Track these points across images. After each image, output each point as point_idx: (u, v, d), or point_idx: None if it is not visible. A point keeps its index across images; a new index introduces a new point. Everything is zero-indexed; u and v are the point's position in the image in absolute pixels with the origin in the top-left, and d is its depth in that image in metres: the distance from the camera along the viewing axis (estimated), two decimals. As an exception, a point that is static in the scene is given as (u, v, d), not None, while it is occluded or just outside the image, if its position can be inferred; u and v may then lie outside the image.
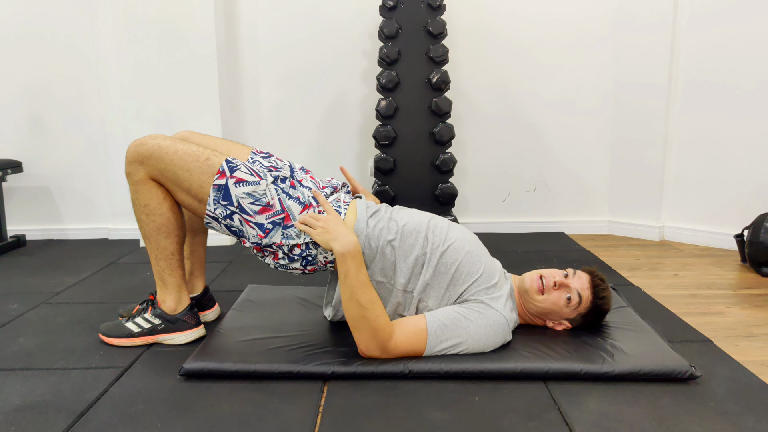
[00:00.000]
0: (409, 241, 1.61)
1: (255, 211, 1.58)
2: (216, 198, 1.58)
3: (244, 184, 1.58)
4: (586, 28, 3.12)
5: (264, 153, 1.82)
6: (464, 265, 1.60)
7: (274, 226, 1.59)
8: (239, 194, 1.58)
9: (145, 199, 1.66)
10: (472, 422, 1.31)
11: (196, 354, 1.58)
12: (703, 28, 2.86)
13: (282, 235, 1.59)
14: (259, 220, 1.58)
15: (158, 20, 2.85)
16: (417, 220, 1.65)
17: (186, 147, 1.62)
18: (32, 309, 2.09)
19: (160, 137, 1.64)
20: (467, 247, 1.63)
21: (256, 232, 1.59)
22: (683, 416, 1.33)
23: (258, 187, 1.59)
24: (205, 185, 1.60)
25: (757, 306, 2.10)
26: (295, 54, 3.18)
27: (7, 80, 3.08)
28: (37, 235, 3.22)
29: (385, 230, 1.62)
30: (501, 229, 3.32)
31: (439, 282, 1.61)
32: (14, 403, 1.42)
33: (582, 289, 1.64)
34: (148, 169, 1.63)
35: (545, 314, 1.69)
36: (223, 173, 1.58)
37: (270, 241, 1.60)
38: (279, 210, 1.59)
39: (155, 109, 2.92)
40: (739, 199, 2.85)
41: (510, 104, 3.21)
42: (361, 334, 1.53)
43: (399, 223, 1.64)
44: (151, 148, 1.61)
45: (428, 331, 1.52)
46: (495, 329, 1.56)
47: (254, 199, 1.58)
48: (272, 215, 1.59)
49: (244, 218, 1.59)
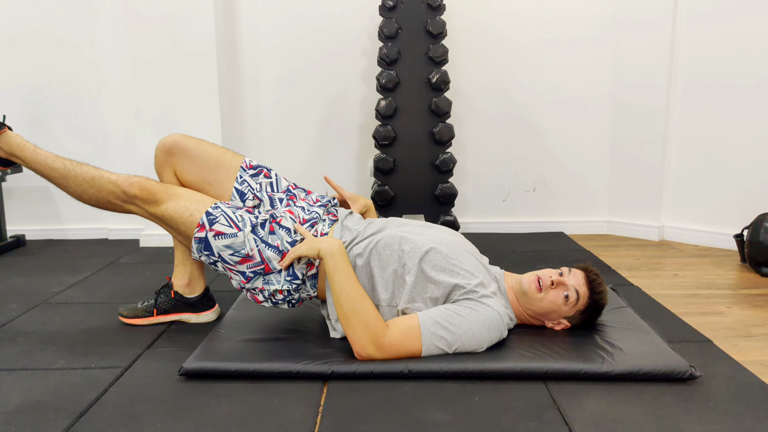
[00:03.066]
0: (384, 254, 1.63)
1: (236, 262, 1.66)
2: (198, 249, 1.67)
3: (223, 236, 1.64)
4: (585, 28, 3.13)
5: (253, 167, 1.82)
6: (444, 269, 1.60)
7: (256, 275, 1.67)
8: (219, 246, 1.64)
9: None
10: (472, 422, 1.31)
11: (195, 354, 1.58)
12: (703, 27, 2.86)
13: (264, 281, 1.67)
14: (240, 269, 1.67)
15: (158, 20, 2.85)
16: (390, 233, 1.66)
17: (174, 205, 1.67)
18: (32, 309, 2.09)
19: (149, 187, 1.69)
20: (445, 250, 1.62)
21: (239, 278, 1.68)
22: (683, 416, 1.33)
23: (236, 239, 1.64)
24: (189, 232, 1.68)
25: (756, 306, 2.10)
26: (294, 54, 3.18)
27: (7, 80, 3.08)
28: (37, 235, 3.22)
29: (357, 249, 1.66)
30: (501, 229, 3.32)
31: (422, 288, 1.61)
32: (14, 403, 1.42)
33: (578, 286, 1.65)
34: (141, 212, 1.73)
35: (545, 314, 1.69)
36: (203, 226, 1.64)
37: (252, 286, 1.68)
38: (259, 261, 1.65)
39: (155, 109, 2.92)
40: (739, 199, 2.85)
41: (510, 104, 3.21)
42: (354, 332, 1.52)
43: (372, 240, 1.66)
44: (138, 212, 1.72)
45: (421, 328, 1.52)
46: (488, 324, 1.55)
47: (234, 251, 1.64)
48: (253, 266, 1.66)
49: (227, 266, 1.67)
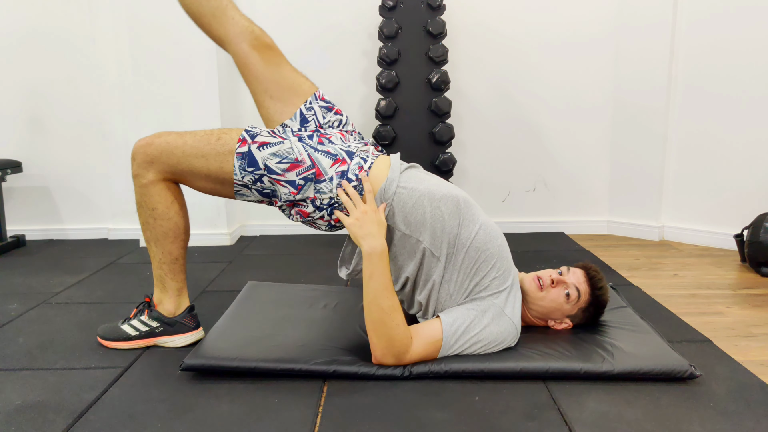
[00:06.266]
0: (443, 205, 1.56)
1: (284, 170, 1.55)
2: (241, 166, 1.55)
3: (267, 146, 1.55)
4: (586, 29, 3.12)
5: (325, 101, 1.73)
6: (492, 257, 1.57)
7: (306, 182, 1.55)
8: (264, 156, 1.55)
9: (153, 203, 1.63)
10: (472, 422, 1.31)
11: (196, 350, 1.58)
12: (703, 31, 2.86)
13: (315, 190, 1.56)
14: (289, 177, 1.55)
15: (158, 20, 2.85)
16: (451, 190, 1.60)
17: (193, 134, 1.59)
18: (32, 309, 2.09)
19: (164, 134, 1.61)
20: (500, 240, 1.61)
21: (288, 189, 1.56)
22: (683, 416, 1.33)
23: (283, 146, 1.56)
24: (224, 164, 1.56)
25: (756, 306, 2.10)
26: (295, 54, 3.17)
27: (7, 80, 3.08)
28: (37, 235, 3.22)
29: (420, 186, 1.58)
30: (501, 228, 3.30)
31: (465, 263, 1.56)
32: (14, 403, 1.42)
33: (579, 284, 1.65)
34: (159, 168, 1.60)
35: (547, 314, 1.70)
36: (245, 141, 1.55)
37: (303, 196, 1.57)
38: (309, 165, 1.55)
39: (155, 109, 2.92)
40: (738, 199, 2.85)
41: (510, 104, 3.21)
42: (378, 342, 1.50)
43: (431, 186, 1.59)
44: (160, 146, 1.58)
45: (443, 341, 1.52)
46: (504, 336, 1.56)
47: (281, 158, 1.54)
48: (302, 171, 1.55)
49: (274, 178, 1.55)
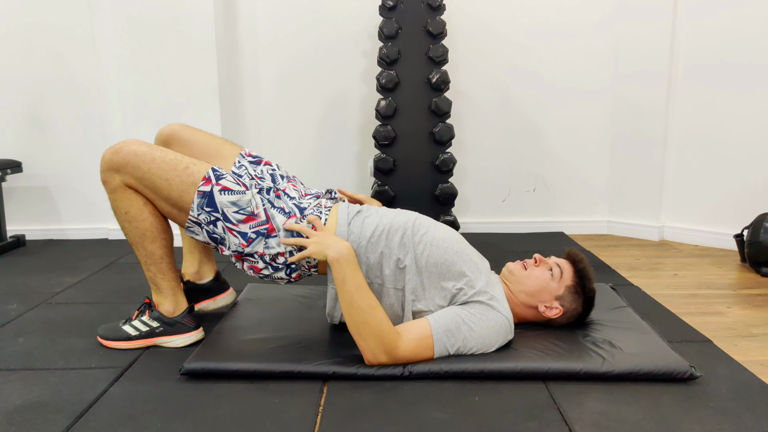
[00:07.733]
0: (393, 240, 1.59)
1: (239, 220, 1.57)
2: (200, 204, 1.57)
3: (229, 192, 1.57)
4: (586, 31, 3.12)
5: (252, 156, 1.80)
6: (454, 265, 1.59)
7: (258, 236, 1.59)
8: (224, 202, 1.57)
9: (124, 206, 1.62)
10: (472, 422, 1.31)
11: (196, 354, 1.58)
12: (704, 27, 2.86)
13: (264, 245, 1.59)
14: (242, 229, 1.58)
15: (158, 20, 2.85)
16: (401, 219, 1.64)
17: (164, 154, 1.58)
18: (32, 309, 2.09)
19: (135, 143, 1.60)
20: (455, 246, 1.62)
21: (238, 240, 1.59)
22: (683, 416, 1.33)
23: (243, 196, 1.58)
24: (185, 194, 1.57)
25: (756, 306, 2.10)
26: (294, 54, 3.18)
27: (7, 80, 3.07)
28: (36, 235, 3.22)
29: (367, 230, 1.61)
30: (501, 229, 3.32)
31: (428, 281, 1.59)
32: (14, 403, 1.42)
33: (559, 262, 1.72)
34: (124, 177, 1.58)
35: (535, 295, 1.69)
36: (209, 180, 1.57)
37: (252, 250, 1.60)
38: (263, 220, 1.59)
39: (155, 109, 2.92)
40: (739, 199, 2.85)
41: (510, 104, 3.21)
42: (366, 342, 1.50)
43: (381, 222, 1.62)
44: (126, 156, 1.57)
45: (434, 337, 1.52)
46: (497, 330, 1.56)
47: (239, 208, 1.57)
48: (256, 225, 1.58)
49: (228, 226, 1.58)
